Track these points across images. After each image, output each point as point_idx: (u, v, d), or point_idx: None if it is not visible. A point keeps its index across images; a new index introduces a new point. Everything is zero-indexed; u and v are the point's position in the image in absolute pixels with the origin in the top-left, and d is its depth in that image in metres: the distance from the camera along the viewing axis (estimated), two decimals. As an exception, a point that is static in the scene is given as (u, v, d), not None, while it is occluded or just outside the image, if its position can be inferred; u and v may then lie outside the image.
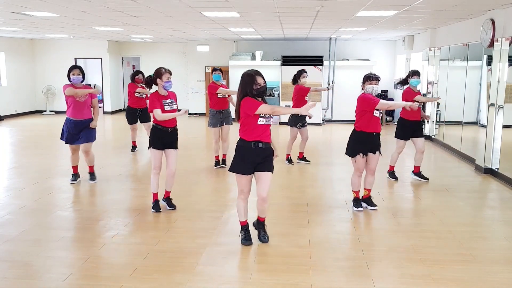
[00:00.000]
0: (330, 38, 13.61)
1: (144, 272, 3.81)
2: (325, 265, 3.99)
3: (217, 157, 7.77)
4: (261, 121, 4.16)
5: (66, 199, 5.93)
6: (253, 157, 4.19)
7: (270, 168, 4.26)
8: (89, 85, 7.32)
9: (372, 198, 5.60)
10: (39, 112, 15.75)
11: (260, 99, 4.20)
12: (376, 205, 5.55)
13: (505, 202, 6.08)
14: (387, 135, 11.47)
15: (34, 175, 7.07)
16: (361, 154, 5.30)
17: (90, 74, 17.99)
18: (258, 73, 4.17)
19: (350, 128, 5.54)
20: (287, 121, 8.20)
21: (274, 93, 13.88)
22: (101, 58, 15.38)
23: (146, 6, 7.05)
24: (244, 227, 4.45)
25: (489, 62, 7.55)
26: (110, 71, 15.37)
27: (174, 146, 5.33)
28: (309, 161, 8.18)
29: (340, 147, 9.75)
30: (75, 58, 15.57)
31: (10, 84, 14.59)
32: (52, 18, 8.71)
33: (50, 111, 15.66)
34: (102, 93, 15.47)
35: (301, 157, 8.19)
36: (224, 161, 7.77)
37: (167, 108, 5.15)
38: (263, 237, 4.45)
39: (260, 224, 4.51)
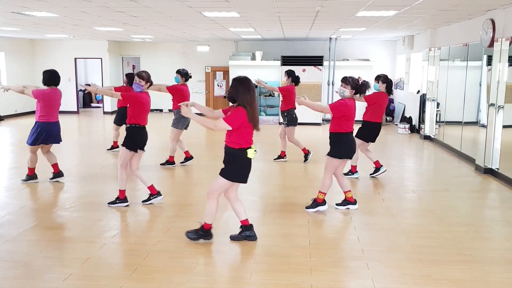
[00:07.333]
0: (330, 38, 13.61)
1: (144, 272, 3.81)
2: (325, 265, 3.99)
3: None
4: None
5: (66, 199, 5.93)
6: None
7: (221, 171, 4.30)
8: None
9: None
10: (39, 112, 15.73)
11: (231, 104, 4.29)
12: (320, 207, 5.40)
13: (505, 202, 6.08)
14: (387, 135, 11.50)
15: (34, 175, 7.06)
16: None
17: (90, 74, 18.03)
18: None
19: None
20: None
21: (274, 93, 13.85)
22: (101, 58, 15.37)
23: (146, 6, 7.05)
24: (242, 226, 4.48)
25: (489, 62, 7.55)
26: (110, 71, 15.36)
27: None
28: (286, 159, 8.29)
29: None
30: (75, 58, 15.57)
31: (10, 84, 14.56)
32: (52, 18, 8.71)
33: (50, 111, 15.64)
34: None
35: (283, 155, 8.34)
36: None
37: None
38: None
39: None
